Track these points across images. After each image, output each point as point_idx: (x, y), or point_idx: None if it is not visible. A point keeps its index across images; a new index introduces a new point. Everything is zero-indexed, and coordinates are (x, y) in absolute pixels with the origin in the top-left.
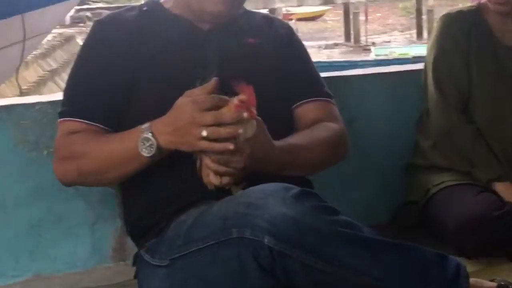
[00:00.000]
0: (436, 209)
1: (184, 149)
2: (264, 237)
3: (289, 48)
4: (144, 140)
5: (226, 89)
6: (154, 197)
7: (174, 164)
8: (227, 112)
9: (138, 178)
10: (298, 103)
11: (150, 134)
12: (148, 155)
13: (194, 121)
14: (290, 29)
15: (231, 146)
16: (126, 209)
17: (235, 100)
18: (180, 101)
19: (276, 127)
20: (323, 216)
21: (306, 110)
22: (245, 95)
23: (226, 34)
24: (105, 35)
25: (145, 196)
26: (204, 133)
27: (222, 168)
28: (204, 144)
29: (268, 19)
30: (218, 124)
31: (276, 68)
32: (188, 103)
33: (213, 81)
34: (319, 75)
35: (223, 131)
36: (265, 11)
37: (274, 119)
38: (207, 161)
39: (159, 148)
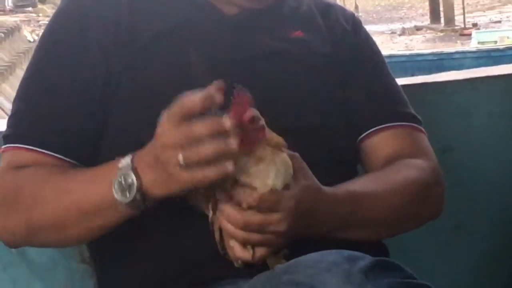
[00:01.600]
0: None
1: (175, 191)
2: None
3: (353, 48)
4: (122, 178)
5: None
6: (147, 274)
7: (180, 222)
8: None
9: (120, 243)
10: (366, 132)
11: (130, 169)
12: (125, 200)
13: (166, 144)
14: (355, 20)
15: (229, 165)
16: None
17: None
18: (163, 118)
19: (328, 170)
20: None
21: (379, 141)
22: (235, 109)
23: (261, 23)
24: (79, 17)
25: (133, 273)
26: (180, 158)
27: (254, 236)
28: (191, 176)
29: (324, 5)
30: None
31: (332, 78)
32: (161, 123)
33: (215, 85)
34: (398, 89)
35: (203, 149)
36: None
37: (324, 157)
38: (229, 227)
39: (142, 192)
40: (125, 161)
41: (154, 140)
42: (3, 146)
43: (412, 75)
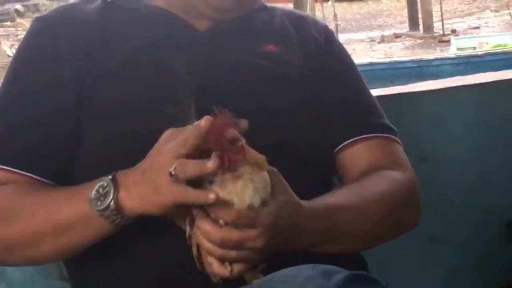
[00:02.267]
0: None
1: (154, 207)
2: None
3: (326, 60)
4: (100, 187)
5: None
6: None
7: (155, 237)
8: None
9: (98, 260)
10: (341, 145)
11: (110, 180)
12: (100, 207)
13: (162, 152)
14: (328, 32)
15: (211, 195)
16: None
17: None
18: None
19: (304, 183)
20: None
21: (355, 153)
22: (215, 130)
23: (233, 38)
24: (50, 39)
25: None
26: (172, 169)
27: (231, 253)
28: (175, 190)
29: (296, 17)
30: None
31: (306, 90)
32: (163, 136)
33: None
34: (373, 100)
35: (191, 164)
36: None
37: (301, 171)
38: (206, 244)
39: (117, 203)
40: (107, 176)
41: (149, 156)
42: None
43: (392, 82)
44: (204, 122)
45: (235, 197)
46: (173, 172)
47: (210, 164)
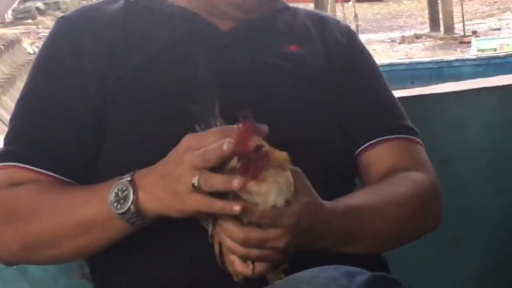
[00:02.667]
0: None
1: (174, 211)
2: None
3: (348, 61)
4: (119, 189)
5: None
6: None
7: (178, 238)
8: (211, 148)
9: (120, 258)
10: (363, 146)
11: (128, 182)
12: (120, 211)
13: (184, 161)
14: (350, 33)
15: (236, 207)
16: None
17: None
18: (181, 141)
19: (326, 184)
20: None
21: (377, 155)
22: (240, 138)
23: (256, 38)
24: (73, 39)
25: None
26: (195, 181)
27: (254, 252)
28: (198, 200)
29: (318, 18)
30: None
31: (328, 92)
32: (185, 140)
33: (226, 146)
34: (395, 101)
35: (217, 179)
36: None
37: (323, 172)
38: (229, 242)
39: (137, 205)
40: (125, 176)
41: (170, 158)
42: None
43: (412, 83)
44: (226, 146)
45: (259, 198)
46: (196, 184)
47: (236, 183)
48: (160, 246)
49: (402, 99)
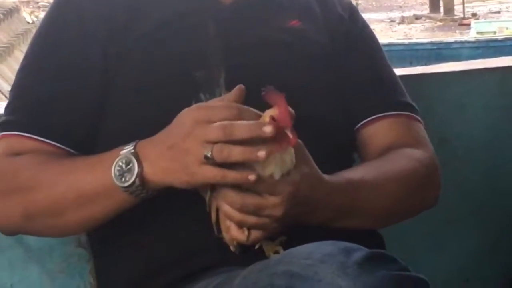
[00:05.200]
0: None
1: (181, 183)
2: None
3: (350, 36)
4: (122, 162)
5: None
6: (143, 260)
7: (175, 208)
8: (241, 122)
9: (119, 230)
10: (363, 121)
11: (131, 154)
12: (125, 184)
13: (196, 134)
14: (352, 8)
15: (252, 177)
16: (103, 280)
17: (267, 117)
18: (184, 111)
19: (326, 158)
20: None
21: (376, 130)
22: (278, 109)
23: (257, 12)
24: (76, 8)
25: (131, 259)
26: (208, 153)
27: (250, 218)
28: (210, 172)
29: None
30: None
31: (329, 67)
32: (192, 112)
33: (236, 90)
34: (395, 78)
35: (237, 150)
36: None
37: (323, 146)
38: (226, 208)
39: (142, 178)
40: (127, 147)
41: (171, 131)
42: (0, 133)
43: (410, 63)
44: (269, 130)
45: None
46: (208, 155)
47: (262, 153)
48: (157, 216)
49: (403, 77)
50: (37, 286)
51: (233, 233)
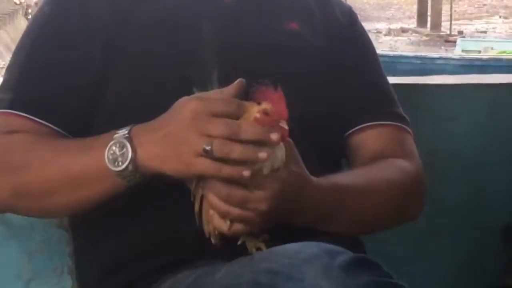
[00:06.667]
0: None
1: (174, 171)
2: None
3: (348, 42)
4: (116, 146)
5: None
6: (124, 247)
7: (159, 198)
8: (248, 124)
9: (101, 216)
10: (354, 128)
11: (125, 139)
12: (117, 168)
13: (196, 126)
14: (352, 14)
15: (246, 172)
16: (81, 263)
17: (256, 110)
18: (182, 100)
19: (316, 161)
20: None
21: (366, 138)
22: (272, 104)
23: (257, 12)
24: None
25: (110, 245)
26: (208, 146)
27: (233, 210)
28: (205, 164)
29: None
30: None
31: (325, 71)
32: (192, 102)
33: (236, 84)
34: (389, 88)
35: (239, 149)
36: None
37: (313, 149)
38: (211, 197)
39: (135, 163)
40: (122, 131)
41: (168, 118)
42: None
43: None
44: (275, 137)
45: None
46: (208, 149)
47: (263, 155)
48: (139, 205)
49: (396, 86)
50: (15, 264)
51: (215, 222)
